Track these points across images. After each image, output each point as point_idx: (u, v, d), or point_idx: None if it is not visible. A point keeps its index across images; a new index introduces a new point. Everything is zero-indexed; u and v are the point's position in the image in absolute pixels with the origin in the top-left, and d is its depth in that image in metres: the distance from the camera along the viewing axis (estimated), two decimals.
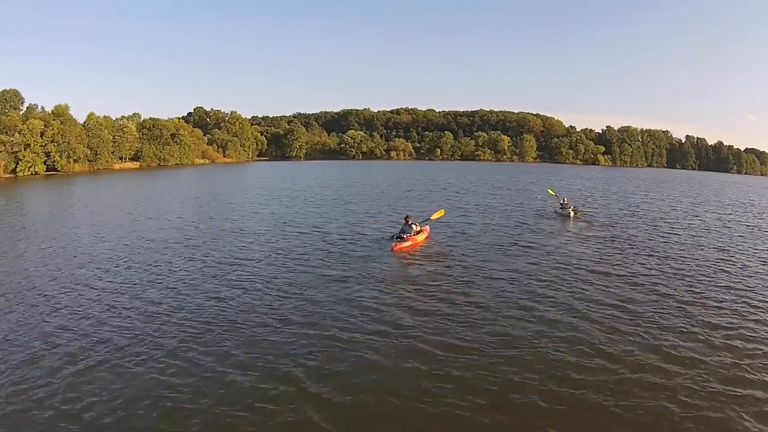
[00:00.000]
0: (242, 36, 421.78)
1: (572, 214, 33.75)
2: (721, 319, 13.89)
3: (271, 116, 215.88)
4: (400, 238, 22.12)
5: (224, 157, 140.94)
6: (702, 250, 24.11)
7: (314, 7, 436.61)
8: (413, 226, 22.89)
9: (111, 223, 30.16)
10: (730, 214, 41.21)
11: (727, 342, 12.23)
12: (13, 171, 79.04)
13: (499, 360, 10.90)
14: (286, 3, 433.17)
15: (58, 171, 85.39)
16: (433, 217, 25.51)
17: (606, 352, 11.37)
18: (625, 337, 12.25)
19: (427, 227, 24.77)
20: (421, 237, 23.19)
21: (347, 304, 14.49)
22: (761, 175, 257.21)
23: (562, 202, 35.77)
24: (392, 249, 21.30)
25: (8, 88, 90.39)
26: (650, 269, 19.29)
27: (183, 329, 12.52)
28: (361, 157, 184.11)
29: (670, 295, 16.02)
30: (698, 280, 18.14)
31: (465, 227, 27.98)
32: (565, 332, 12.40)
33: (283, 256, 20.65)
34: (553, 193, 41.09)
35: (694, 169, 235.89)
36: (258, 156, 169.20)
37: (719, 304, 15.20)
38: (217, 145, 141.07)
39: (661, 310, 14.44)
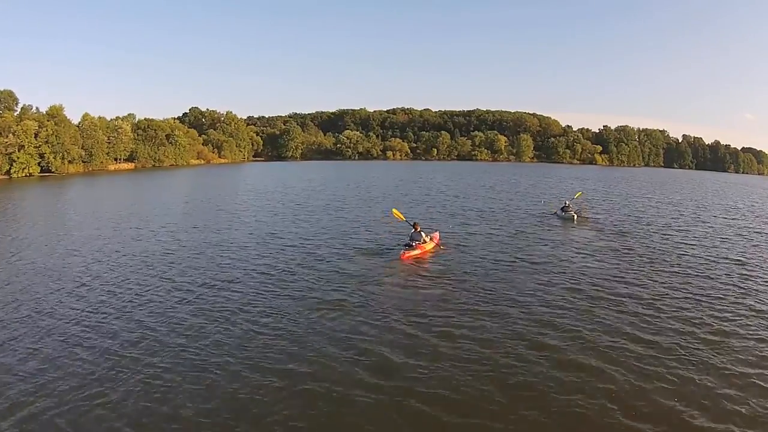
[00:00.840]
0: (239, 36, 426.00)
1: (575, 218, 33.40)
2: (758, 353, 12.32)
3: (267, 116, 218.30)
4: (409, 246, 21.66)
5: (220, 157, 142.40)
6: (719, 263, 22.39)
7: (311, 6, 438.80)
8: (422, 233, 22.37)
9: (88, 233, 28.53)
10: (739, 219, 40.30)
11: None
12: (7, 172, 79.56)
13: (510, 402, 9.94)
14: (282, 2, 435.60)
15: (52, 172, 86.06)
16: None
17: (628, 403, 9.85)
18: (653, 383, 10.62)
19: (437, 234, 24.50)
20: (429, 245, 22.58)
21: (347, 327, 13.54)
22: (759, 174, 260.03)
23: (564, 204, 35.74)
24: (400, 257, 20.94)
25: (2, 89, 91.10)
26: (669, 288, 17.70)
27: (137, 375, 10.95)
28: (357, 157, 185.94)
29: (692, 320, 14.48)
30: (723, 300, 16.51)
31: (468, 237, 26.88)
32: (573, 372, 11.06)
33: (271, 274, 19.03)
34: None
35: (691, 169, 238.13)
36: (254, 156, 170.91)
37: (751, 333, 13.60)
38: (213, 146, 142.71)
39: (687, 342, 12.82)
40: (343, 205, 41.22)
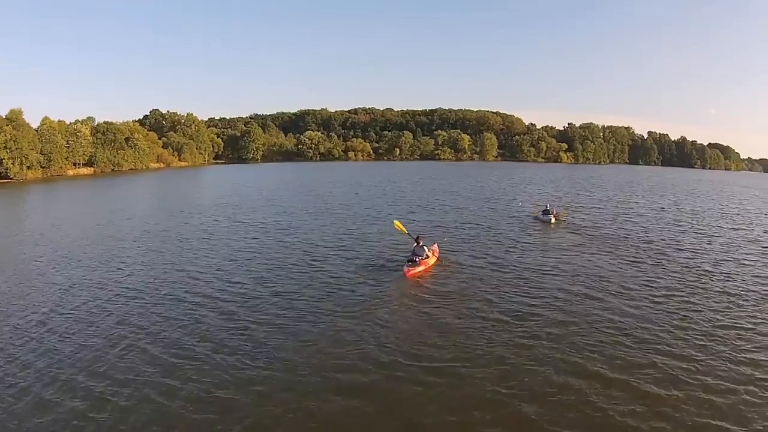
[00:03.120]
0: (201, 35, 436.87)
1: (553, 219, 35.84)
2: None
3: (228, 118, 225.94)
4: (413, 262, 21.78)
5: (180, 160, 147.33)
6: (697, 256, 26.72)
7: (271, 5, 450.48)
8: (425, 248, 22.58)
9: (12, 261, 26.53)
10: (708, 217, 44.82)
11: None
12: None
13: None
14: (242, 2, 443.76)
15: (11, 179, 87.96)
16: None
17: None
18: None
19: (436, 246, 24.81)
20: (432, 260, 23.05)
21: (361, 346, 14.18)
22: (725, 169, 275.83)
23: (545, 207, 38.07)
24: (405, 275, 21.12)
25: None
26: (655, 290, 19.75)
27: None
28: (318, 158, 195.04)
29: (680, 314, 16.97)
30: (704, 293, 19.58)
31: (460, 247, 27.60)
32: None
33: (262, 297, 18.76)
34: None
35: (657, 165, 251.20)
36: (215, 159, 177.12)
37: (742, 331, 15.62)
38: (173, 149, 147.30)
39: (683, 335, 15.05)
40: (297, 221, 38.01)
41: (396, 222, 26.09)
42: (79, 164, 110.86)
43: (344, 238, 30.36)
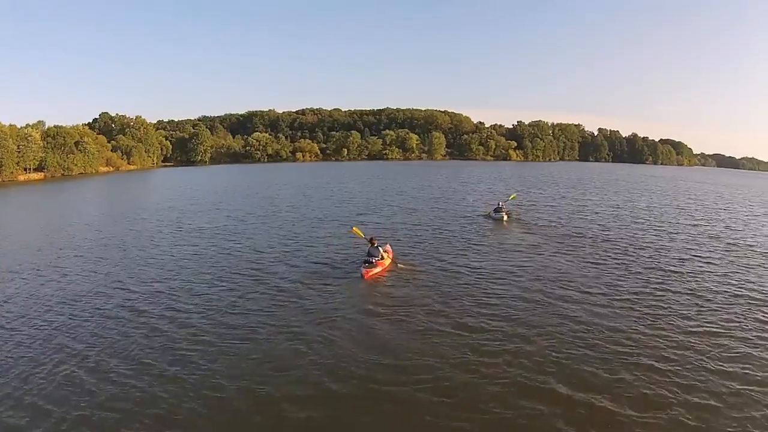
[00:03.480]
0: (149, 36, 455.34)
1: (505, 217, 37.78)
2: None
3: (176, 120, 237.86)
4: (369, 263, 22.49)
5: (129, 164, 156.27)
6: (646, 249, 29.39)
7: (219, 5, 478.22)
8: (379, 249, 23.46)
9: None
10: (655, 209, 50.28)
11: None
12: None
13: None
14: (191, 1, 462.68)
15: None
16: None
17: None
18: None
19: (389, 246, 25.80)
20: (388, 260, 23.99)
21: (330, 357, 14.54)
22: (678, 165, 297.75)
23: (497, 205, 39.93)
24: (363, 276, 21.83)
25: None
26: (619, 293, 20.91)
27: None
28: (266, 159, 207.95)
29: (635, 308, 18.64)
30: (654, 284, 21.90)
31: (413, 248, 28.86)
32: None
33: (212, 303, 19.45)
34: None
35: (608, 162, 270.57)
36: (163, 161, 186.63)
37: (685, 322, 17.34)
38: (122, 152, 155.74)
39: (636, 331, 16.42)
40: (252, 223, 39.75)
41: (354, 228, 27.06)
42: (29, 169, 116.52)
43: (294, 242, 31.13)
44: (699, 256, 27.90)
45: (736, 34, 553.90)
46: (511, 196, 44.87)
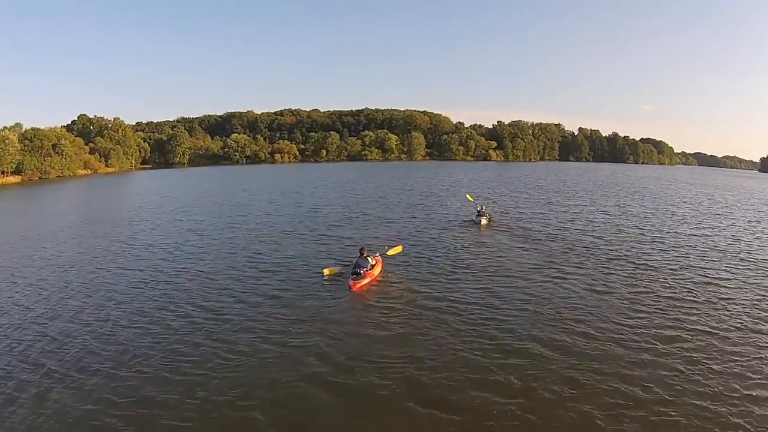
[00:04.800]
0: (128, 35, 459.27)
1: (483, 221, 38.42)
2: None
3: (155, 122, 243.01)
4: (357, 275, 22.10)
5: (107, 166, 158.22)
6: (625, 251, 30.02)
7: (197, 6, 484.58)
8: (368, 259, 23.11)
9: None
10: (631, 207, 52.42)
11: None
12: None
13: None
14: (169, 2, 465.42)
15: None
16: (390, 252, 26.35)
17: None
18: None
19: (378, 256, 25.16)
20: (377, 270, 23.61)
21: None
22: (659, 164, 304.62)
23: (479, 209, 40.34)
24: (350, 289, 21.41)
25: None
26: (577, 281, 22.62)
27: None
28: (245, 161, 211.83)
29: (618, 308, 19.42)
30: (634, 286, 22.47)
31: (397, 255, 27.31)
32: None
33: (191, 317, 18.83)
34: (471, 199, 44.79)
35: (589, 161, 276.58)
36: (142, 164, 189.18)
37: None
38: (100, 154, 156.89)
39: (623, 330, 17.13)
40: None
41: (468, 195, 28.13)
42: (7, 172, 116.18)
43: (269, 256, 29.35)
44: (711, 268, 26.47)
45: (714, 35, 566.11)
46: (468, 197, 45.80)
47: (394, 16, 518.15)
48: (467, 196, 46.25)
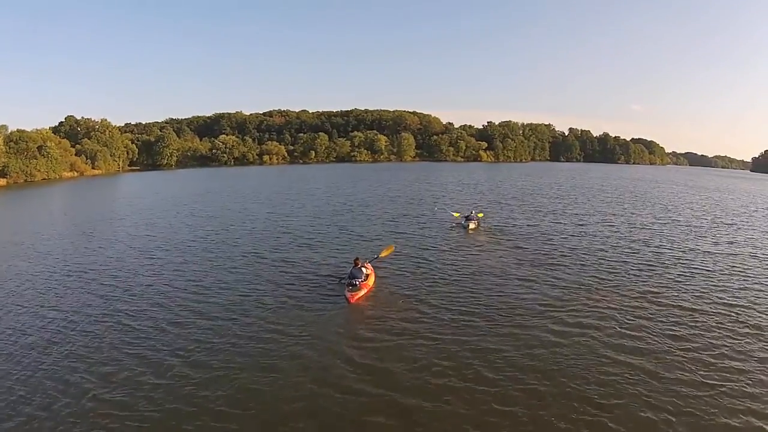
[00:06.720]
0: (115, 36, 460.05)
1: (470, 226, 39.03)
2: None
3: (143, 123, 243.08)
4: (353, 286, 21.73)
5: (93, 168, 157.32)
6: (613, 254, 30.55)
7: (183, 6, 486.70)
8: (363, 269, 22.76)
9: None
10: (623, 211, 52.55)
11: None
12: None
13: None
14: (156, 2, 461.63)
15: None
16: (383, 254, 26.39)
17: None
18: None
19: (369, 264, 24.72)
20: (371, 280, 23.27)
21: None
22: (650, 164, 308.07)
23: (468, 214, 41.27)
24: (348, 301, 21.01)
25: None
26: (567, 288, 22.86)
27: None
28: (233, 162, 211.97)
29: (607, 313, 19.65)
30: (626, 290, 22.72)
31: (388, 261, 27.36)
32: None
33: (182, 334, 18.11)
34: (458, 215, 43.22)
35: (579, 161, 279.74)
36: (129, 165, 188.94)
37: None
38: (87, 156, 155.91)
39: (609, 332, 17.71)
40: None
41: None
42: None
43: (264, 266, 28.35)
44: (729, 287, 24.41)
45: (705, 34, 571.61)
46: (479, 214, 43.67)
47: (383, 16, 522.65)
48: (454, 213, 44.67)
